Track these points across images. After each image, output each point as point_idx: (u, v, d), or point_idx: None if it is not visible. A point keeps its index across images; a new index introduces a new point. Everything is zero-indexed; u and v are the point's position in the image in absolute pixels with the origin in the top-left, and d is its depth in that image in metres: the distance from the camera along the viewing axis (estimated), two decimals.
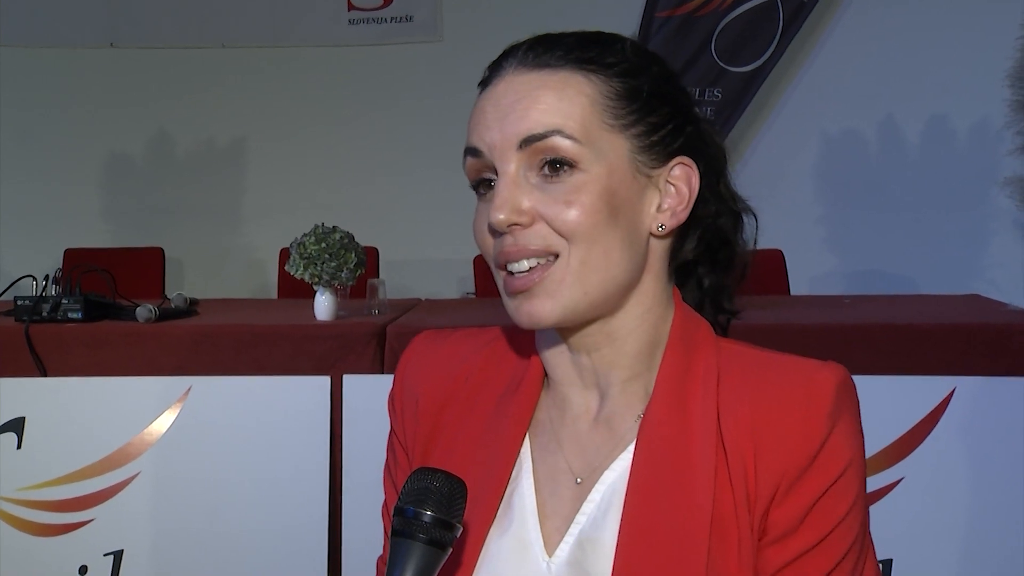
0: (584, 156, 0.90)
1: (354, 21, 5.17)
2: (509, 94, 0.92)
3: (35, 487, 2.55)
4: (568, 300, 0.91)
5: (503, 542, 0.96)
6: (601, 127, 0.91)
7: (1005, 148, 4.36)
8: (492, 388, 1.02)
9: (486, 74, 0.97)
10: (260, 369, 2.62)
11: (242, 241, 5.27)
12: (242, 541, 2.54)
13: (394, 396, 1.08)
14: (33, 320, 2.69)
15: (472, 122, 0.95)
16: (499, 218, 0.90)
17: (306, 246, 2.67)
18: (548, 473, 0.98)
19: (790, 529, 0.89)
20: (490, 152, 0.92)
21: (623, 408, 0.97)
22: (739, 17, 4.79)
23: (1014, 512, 2.33)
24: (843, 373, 0.92)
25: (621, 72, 0.93)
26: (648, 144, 0.93)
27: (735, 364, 0.94)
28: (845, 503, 0.89)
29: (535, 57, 0.93)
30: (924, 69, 4.70)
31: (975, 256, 4.78)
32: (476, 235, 0.96)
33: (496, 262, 0.94)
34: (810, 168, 4.92)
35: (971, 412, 2.35)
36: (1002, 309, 2.96)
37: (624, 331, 0.96)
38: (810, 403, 0.89)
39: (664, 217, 0.95)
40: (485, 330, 1.08)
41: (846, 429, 0.90)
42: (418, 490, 0.86)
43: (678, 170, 0.95)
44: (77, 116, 5.21)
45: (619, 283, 0.93)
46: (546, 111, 0.90)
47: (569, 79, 0.92)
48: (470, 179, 0.96)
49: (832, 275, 4.84)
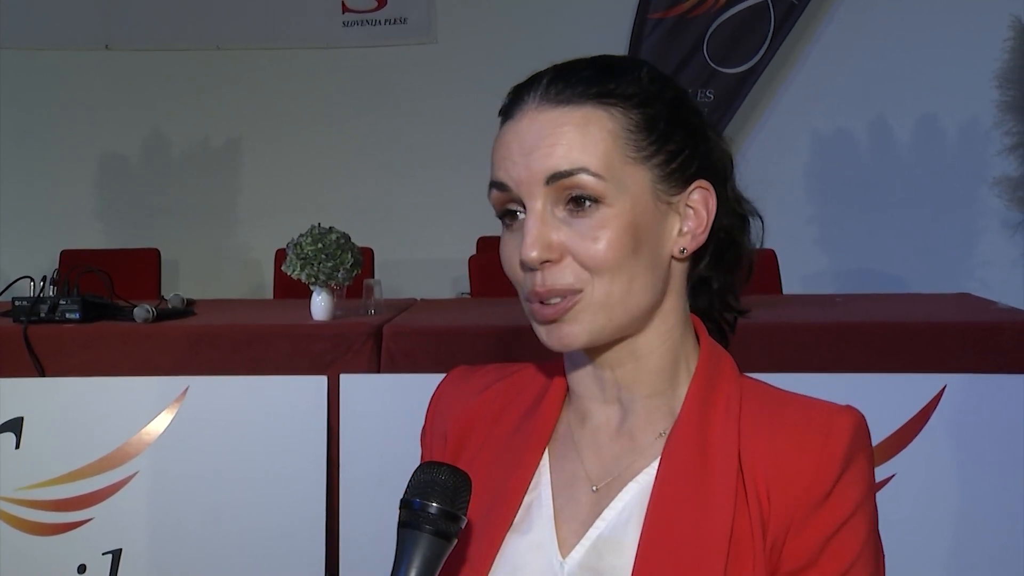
0: (608, 192, 0.93)
1: (348, 23, 5.18)
2: (533, 130, 0.94)
3: (34, 487, 2.56)
4: (594, 326, 0.94)
5: (519, 545, 0.98)
6: (624, 161, 0.94)
7: (994, 148, 4.39)
8: (516, 407, 1.06)
9: (506, 103, 0.98)
10: (257, 369, 2.63)
11: (237, 242, 5.28)
12: (240, 540, 2.55)
13: (425, 429, 1.12)
14: (31, 321, 2.70)
15: (497, 156, 0.97)
16: (532, 256, 0.92)
17: (303, 246, 2.68)
18: (565, 479, 1.00)
19: (807, 564, 0.92)
20: (517, 187, 0.94)
21: (645, 423, 1.00)
22: (731, 19, 4.82)
23: (1005, 507, 2.35)
24: (859, 417, 0.95)
25: (639, 103, 0.95)
26: (668, 173, 0.96)
27: (755, 398, 0.98)
28: (859, 539, 0.92)
29: (556, 94, 0.94)
30: (914, 70, 4.74)
31: (965, 255, 4.81)
32: (505, 265, 0.98)
33: (527, 297, 0.97)
34: (802, 168, 4.95)
35: (962, 409, 2.37)
36: (992, 307, 2.98)
37: (647, 349, 0.99)
38: (827, 443, 0.92)
39: (685, 241, 0.98)
40: (515, 364, 1.12)
41: (861, 468, 0.93)
42: (424, 482, 0.89)
43: (696, 194, 0.98)
44: (73, 118, 5.22)
45: (643, 307, 0.96)
46: (571, 148, 0.92)
47: (591, 115, 0.94)
48: (496, 209, 0.99)
49: (824, 274, 4.87)
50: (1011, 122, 4.28)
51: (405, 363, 2.63)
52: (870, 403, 2.49)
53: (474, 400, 1.08)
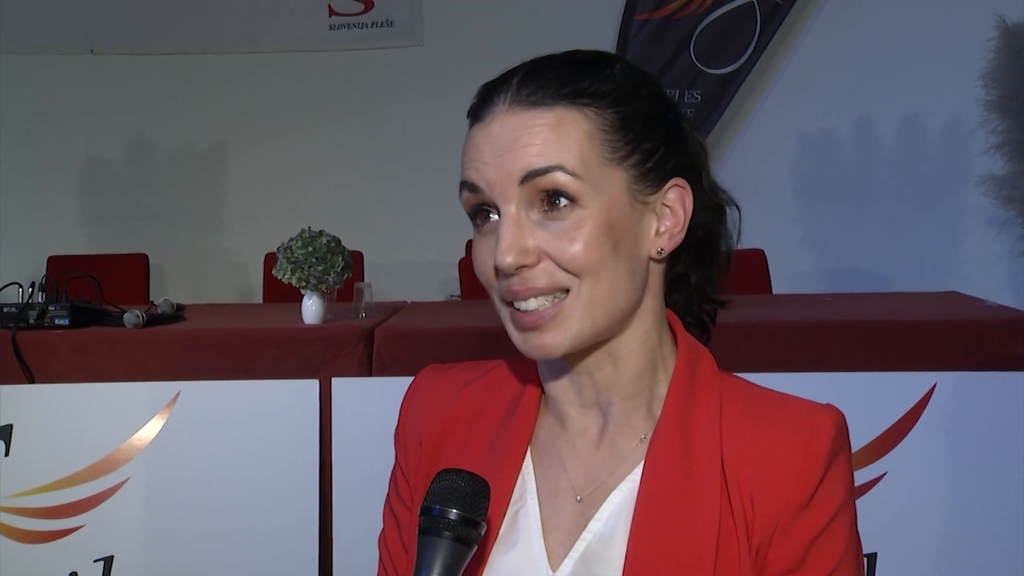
0: (585, 192, 0.90)
1: (335, 26, 5.18)
2: (505, 132, 0.91)
3: (24, 494, 2.55)
4: (576, 332, 0.92)
5: (508, 558, 0.97)
6: (600, 162, 0.91)
7: (979, 147, 4.42)
8: (493, 411, 1.04)
9: (475, 103, 0.96)
10: (248, 373, 2.62)
11: (225, 246, 5.27)
12: (233, 545, 2.54)
13: (399, 430, 1.10)
14: (19, 327, 2.69)
15: (467, 157, 0.94)
16: (507, 261, 0.90)
17: (293, 250, 2.68)
18: (550, 490, 0.99)
19: (793, 566, 0.92)
20: (489, 189, 0.92)
21: (625, 428, 0.99)
22: (717, 19, 4.84)
23: (997, 504, 2.36)
24: (840, 417, 0.95)
25: (614, 101, 0.93)
26: (644, 172, 0.94)
27: (736, 399, 0.97)
28: (842, 539, 0.93)
29: (528, 95, 0.91)
30: (899, 69, 4.77)
31: (950, 253, 4.84)
32: (477, 268, 0.96)
33: (503, 299, 0.94)
34: (788, 168, 4.98)
35: (953, 407, 2.38)
36: (979, 305, 3.00)
37: (626, 352, 0.97)
38: (809, 446, 0.92)
39: (662, 241, 0.96)
40: (488, 361, 1.10)
41: (842, 467, 0.94)
42: (443, 489, 0.88)
43: (673, 193, 0.96)
44: (58, 123, 5.20)
45: (623, 310, 0.94)
46: (546, 146, 0.90)
47: (564, 116, 0.91)
48: (466, 210, 0.96)
49: (811, 273, 4.90)
50: (996, 121, 4.31)
51: (396, 366, 2.63)
52: (860, 402, 2.50)
53: (449, 403, 1.06)
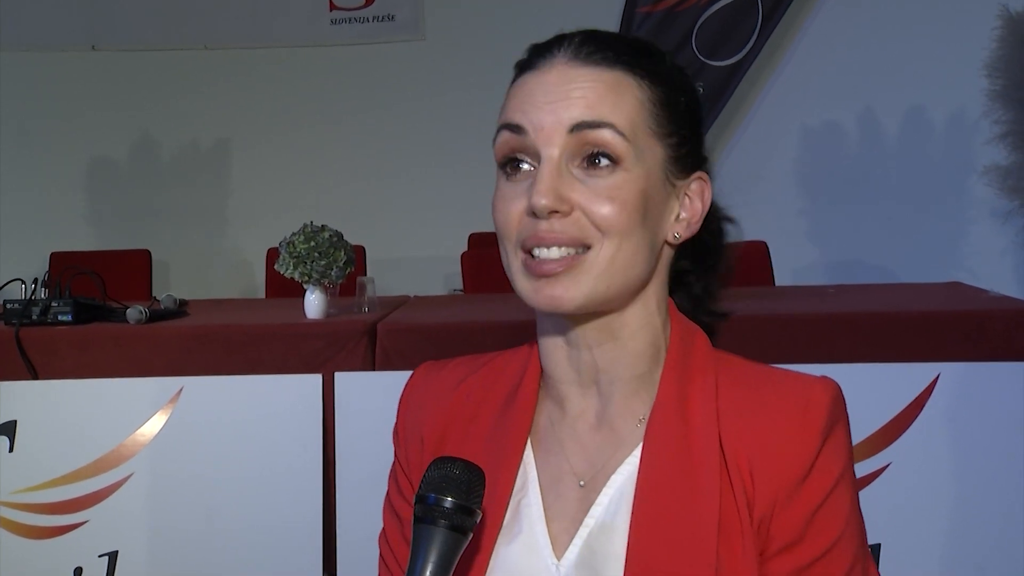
0: (629, 155, 0.92)
1: (336, 21, 5.18)
2: (562, 82, 0.92)
3: (28, 490, 2.55)
4: (590, 290, 0.92)
5: (512, 548, 0.97)
6: (646, 132, 0.94)
7: (983, 137, 4.41)
8: (491, 402, 1.04)
9: (528, 56, 0.97)
10: (252, 368, 2.62)
11: (228, 242, 5.27)
12: (237, 540, 2.54)
13: (398, 427, 1.10)
14: (23, 323, 2.69)
15: (514, 101, 0.94)
16: (542, 203, 0.90)
17: (295, 245, 2.68)
18: (552, 476, 0.99)
19: (796, 539, 0.92)
20: (535, 132, 0.92)
21: (624, 410, 0.99)
22: (719, 12, 4.83)
23: (999, 494, 2.36)
24: (835, 388, 0.95)
25: (665, 81, 0.96)
26: (679, 155, 0.97)
27: (732, 375, 0.98)
28: (843, 511, 0.93)
29: (588, 54, 0.94)
30: (902, 60, 4.75)
31: (954, 245, 4.83)
32: (497, 213, 0.95)
33: (521, 244, 0.93)
34: (791, 160, 4.96)
35: (957, 397, 2.38)
36: (983, 296, 3.00)
37: (628, 330, 0.97)
38: (806, 417, 0.92)
39: (680, 227, 0.98)
40: (483, 354, 1.10)
41: (840, 438, 0.94)
42: (438, 477, 0.89)
43: (696, 184, 0.99)
44: (60, 120, 5.20)
45: (636, 282, 0.95)
46: (601, 102, 0.92)
47: (622, 80, 0.93)
48: (500, 155, 0.95)
49: (815, 266, 4.89)
50: (1000, 111, 4.29)
51: (400, 360, 2.63)
52: (864, 393, 2.49)
53: (448, 398, 1.06)
